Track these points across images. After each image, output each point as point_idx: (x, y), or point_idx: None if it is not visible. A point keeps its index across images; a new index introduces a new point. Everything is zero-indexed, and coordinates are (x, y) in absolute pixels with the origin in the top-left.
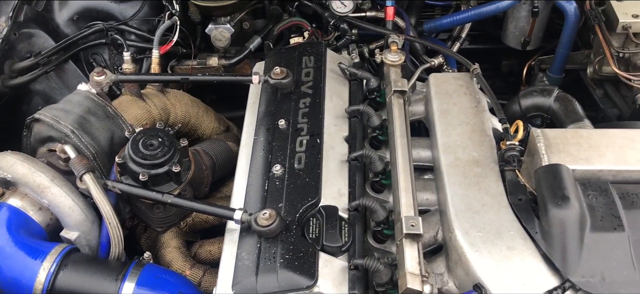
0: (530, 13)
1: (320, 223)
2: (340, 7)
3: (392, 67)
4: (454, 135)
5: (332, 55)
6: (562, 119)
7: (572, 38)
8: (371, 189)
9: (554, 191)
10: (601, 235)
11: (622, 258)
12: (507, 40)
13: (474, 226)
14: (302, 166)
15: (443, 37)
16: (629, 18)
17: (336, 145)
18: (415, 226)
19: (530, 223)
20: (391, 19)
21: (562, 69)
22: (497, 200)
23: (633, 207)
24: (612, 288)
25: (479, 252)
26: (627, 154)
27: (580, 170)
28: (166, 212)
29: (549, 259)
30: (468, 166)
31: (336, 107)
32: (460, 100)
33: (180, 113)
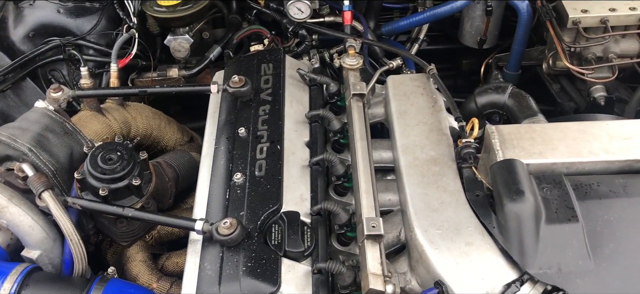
0: (484, 12)
1: (282, 229)
2: (297, 14)
3: (351, 70)
4: (412, 136)
5: (291, 61)
6: (517, 115)
7: (526, 35)
8: (334, 192)
9: (508, 186)
10: (556, 226)
11: (577, 248)
12: (464, 40)
13: (433, 224)
14: (262, 174)
15: (402, 39)
16: (578, 13)
17: (297, 150)
18: (376, 227)
19: (487, 218)
20: (349, 23)
21: (518, 66)
22: (455, 197)
23: (586, 198)
24: (568, 278)
25: (438, 249)
26: (579, 146)
27: (534, 164)
28: (130, 226)
29: (507, 253)
30: (426, 166)
31: (296, 112)
32: (417, 101)
33: (142, 126)
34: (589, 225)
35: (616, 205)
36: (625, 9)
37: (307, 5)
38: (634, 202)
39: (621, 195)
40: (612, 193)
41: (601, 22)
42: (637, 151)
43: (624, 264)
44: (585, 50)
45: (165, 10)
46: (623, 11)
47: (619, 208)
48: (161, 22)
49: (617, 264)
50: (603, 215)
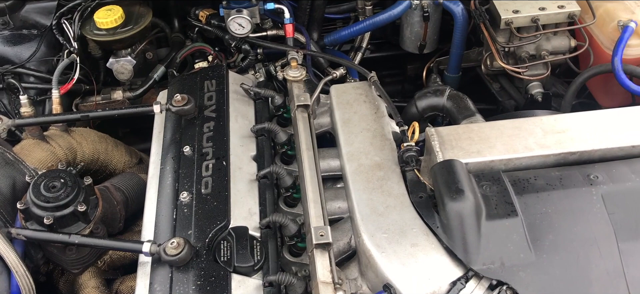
0: (422, 18)
1: (231, 245)
2: (238, 29)
3: (295, 82)
4: (356, 143)
5: (234, 76)
6: (456, 116)
7: (463, 38)
8: (284, 204)
9: (449, 186)
10: (497, 222)
11: (518, 241)
12: (405, 46)
13: (379, 229)
14: (209, 191)
15: (346, 49)
16: (510, 14)
17: (244, 165)
18: (324, 235)
19: (431, 218)
20: (291, 36)
21: (459, 68)
22: (400, 200)
23: (524, 192)
24: (511, 271)
25: (385, 253)
26: (515, 143)
27: (473, 162)
28: (80, 253)
29: (451, 252)
30: (371, 171)
31: (242, 127)
32: (360, 108)
33: (88, 151)
34: (528, 219)
35: (553, 197)
36: (554, 7)
37: (248, 20)
38: (570, 193)
39: (558, 187)
40: (548, 186)
41: (532, 21)
42: (571, 144)
43: (563, 254)
44: (519, 49)
45: (106, 33)
46: (552, 10)
47: (556, 199)
48: (102, 45)
49: (557, 255)
50: (541, 207)
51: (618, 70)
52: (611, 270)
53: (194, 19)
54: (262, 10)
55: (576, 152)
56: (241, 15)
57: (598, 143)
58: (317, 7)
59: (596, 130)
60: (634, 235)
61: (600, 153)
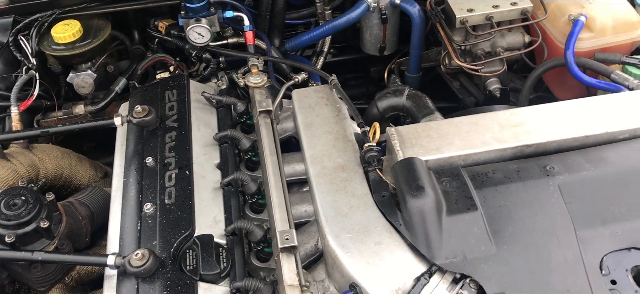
0: (380, 20)
1: (197, 254)
2: (198, 38)
3: (256, 88)
4: (319, 146)
5: (196, 85)
6: (415, 115)
7: (421, 38)
8: (251, 210)
9: (409, 183)
10: (457, 216)
11: (478, 234)
12: (366, 48)
13: (343, 229)
14: (173, 201)
15: (308, 53)
16: (464, 13)
17: (207, 173)
18: (290, 239)
19: (394, 216)
20: (252, 43)
21: (418, 68)
22: (363, 200)
23: (483, 186)
24: (473, 264)
25: (350, 253)
26: (473, 138)
27: (432, 159)
28: (45, 270)
29: (415, 248)
30: (334, 173)
31: (204, 136)
32: (322, 112)
33: (51, 167)
34: (488, 211)
35: (511, 190)
36: (508, 4)
37: (207, 29)
38: (528, 185)
39: (515, 179)
40: (507, 178)
41: (487, 18)
42: (527, 137)
43: (523, 245)
44: (475, 46)
45: (64, 47)
46: (505, 7)
47: (514, 192)
48: (61, 59)
49: (517, 246)
50: (500, 200)
51: (570, 63)
52: (570, 258)
53: (153, 30)
54: (221, 18)
55: (532, 145)
56: (200, 25)
57: (553, 135)
58: (277, 14)
59: (551, 122)
60: (590, 223)
61: (555, 144)
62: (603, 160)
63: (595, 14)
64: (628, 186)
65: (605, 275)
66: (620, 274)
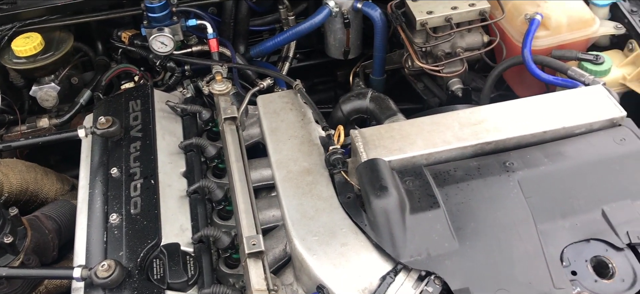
0: (344, 24)
1: (164, 262)
2: (161, 48)
3: (221, 96)
4: (285, 150)
5: (160, 95)
6: (379, 117)
7: (384, 41)
8: (219, 217)
9: (373, 184)
10: (420, 214)
11: (441, 231)
12: (330, 53)
13: (309, 232)
14: (138, 211)
15: (274, 59)
16: (424, 15)
17: (173, 182)
18: (257, 244)
19: (359, 217)
20: (216, 50)
21: (383, 71)
22: (329, 203)
23: (445, 184)
24: (437, 260)
25: (316, 255)
26: (434, 137)
27: (396, 159)
28: (11, 286)
29: (380, 247)
30: (300, 177)
31: (170, 144)
32: (287, 116)
33: (16, 182)
34: (451, 209)
35: (473, 186)
36: (466, 5)
37: (170, 38)
38: (488, 181)
39: (476, 176)
40: (468, 176)
41: (446, 20)
42: (487, 134)
43: (485, 240)
44: (435, 48)
45: (25, 61)
46: (464, 8)
47: (475, 188)
48: (23, 73)
49: (479, 241)
50: (461, 197)
51: (528, 61)
52: (531, 251)
53: (117, 41)
54: (184, 27)
55: (492, 142)
56: (163, 34)
57: (512, 131)
58: (240, 21)
59: (510, 119)
60: (550, 216)
61: (514, 141)
62: (561, 154)
63: (550, 12)
64: (585, 179)
65: (566, 266)
66: (580, 265)
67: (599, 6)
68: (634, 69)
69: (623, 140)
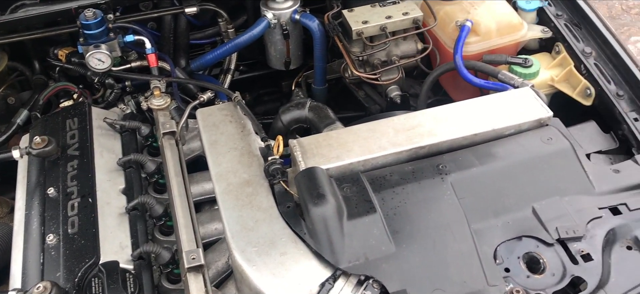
0: (283, 36)
1: (102, 281)
2: (98, 65)
3: (160, 110)
4: (224, 163)
5: (98, 112)
6: (318, 125)
7: (323, 51)
8: (160, 233)
9: (311, 192)
10: (358, 220)
11: (378, 236)
12: (272, 64)
13: (249, 243)
14: (76, 230)
15: (216, 72)
16: (360, 25)
17: (112, 200)
18: (196, 258)
19: (298, 226)
20: (155, 65)
21: (324, 80)
22: (269, 213)
23: (381, 188)
24: (375, 264)
25: (255, 266)
26: (370, 144)
27: (333, 167)
28: None
29: (319, 255)
30: (240, 189)
31: (108, 162)
32: (226, 129)
33: None
34: (387, 213)
35: (408, 190)
36: (400, 14)
37: (107, 55)
38: (423, 185)
39: (411, 180)
40: (403, 180)
41: (381, 29)
42: (420, 139)
43: (420, 242)
44: (371, 56)
45: None
46: (398, 17)
47: (410, 192)
48: None
49: (415, 243)
50: (397, 201)
51: (459, 66)
52: (465, 251)
53: (53, 59)
54: (122, 43)
55: (426, 146)
56: (100, 51)
57: (445, 135)
58: (180, 35)
59: (443, 123)
60: (483, 216)
61: (447, 144)
62: (491, 155)
63: (480, 18)
64: (516, 178)
65: (499, 264)
66: (513, 261)
67: (527, 11)
68: (561, 71)
69: (550, 139)
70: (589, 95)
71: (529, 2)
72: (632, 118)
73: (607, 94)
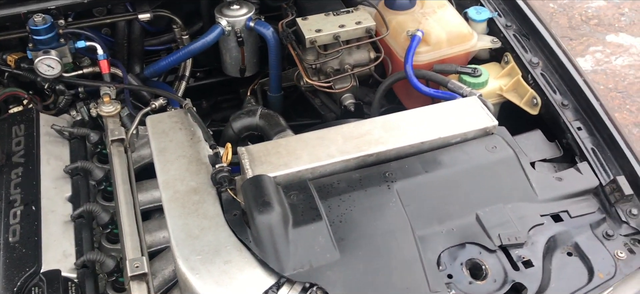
0: (237, 43)
1: (43, 290)
2: (48, 71)
3: (109, 117)
4: (172, 170)
5: (46, 118)
6: (268, 133)
7: (278, 59)
8: (107, 241)
9: (256, 200)
10: (303, 228)
11: (323, 243)
12: (227, 71)
13: (193, 251)
14: (17, 239)
15: (171, 79)
16: (313, 33)
17: (57, 207)
18: (140, 266)
19: (244, 234)
20: (107, 72)
21: (279, 87)
22: (215, 221)
23: (328, 196)
24: (319, 272)
25: (198, 274)
26: (318, 151)
27: (281, 175)
28: None
29: (264, 263)
30: (187, 196)
31: (55, 169)
32: (176, 136)
33: None
34: (333, 220)
35: (354, 197)
36: (353, 24)
37: (57, 61)
38: (369, 192)
39: (358, 187)
40: (350, 187)
41: (334, 38)
42: (368, 147)
43: (365, 249)
44: (324, 65)
45: None
46: (351, 26)
47: (357, 199)
48: None
49: (360, 251)
50: (344, 208)
51: (410, 75)
52: (409, 257)
53: (2, 64)
54: (73, 49)
55: (374, 154)
56: (49, 56)
57: (393, 143)
58: (134, 41)
59: (391, 131)
60: (428, 223)
61: (395, 152)
62: (437, 163)
63: (431, 28)
64: (460, 186)
65: (443, 270)
66: (456, 268)
67: (477, 22)
68: (510, 80)
69: (495, 147)
70: (535, 104)
71: (480, 13)
72: (575, 127)
73: (552, 104)
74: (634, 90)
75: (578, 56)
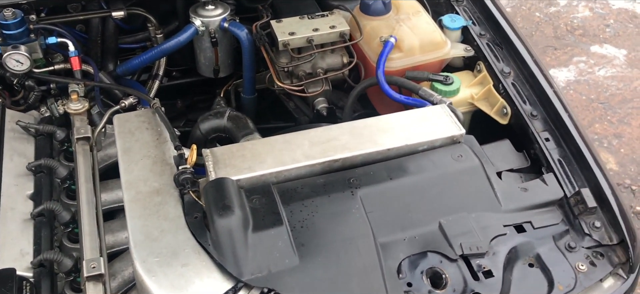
0: (211, 43)
1: None
2: (16, 66)
3: (77, 115)
4: (136, 171)
5: (12, 114)
6: (236, 135)
7: (251, 60)
8: (69, 240)
9: (216, 203)
10: (263, 232)
11: (283, 248)
12: (201, 71)
13: (151, 253)
14: None
15: (145, 78)
16: (287, 36)
17: (17, 205)
18: (97, 267)
19: (203, 237)
20: (78, 69)
21: (253, 89)
22: (175, 223)
23: (291, 201)
24: (278, 277)
25: (155, 277)
26: (284, 156)
27: (244, 178)
28: None
29: (222, 267)
30: (149, 198)
31: (18, 166)
32: (142, 136)
33: None
34: (294, 225)
35: (317, 203)
36: (327, 28)
37: (26, 56)
38: (333, 198)
39: (322, 193)
40: (313, 193)
41: (307, 41)
42: (334, 152)
43: (325, 256)
44: (297, 68)
45: None
46: (325, 30)
47: (319, 205)
48: None
49: (320, 257)
50: (306, 213)
51: (381, 81)
52: (369, 265)
53: None
54: (43, 45)
55: (339, 159)
56: (18, 51)
57: (359, 149)
58: (108, 38)
59: (358, 137)
60: (390, 230)
61: (361, 158)
62: (403, 170)
63: (404, 35)
64: (425, 194)
65: (402, 278)
66: (416, 276)
67: (451, 29)
68: (481, 89)
69: (460, 156)
70: (505, 114)
71: (454, 21)
72: (543, 138)
73: (522, 114)
74: (616, 101)
75: (562, 66)
